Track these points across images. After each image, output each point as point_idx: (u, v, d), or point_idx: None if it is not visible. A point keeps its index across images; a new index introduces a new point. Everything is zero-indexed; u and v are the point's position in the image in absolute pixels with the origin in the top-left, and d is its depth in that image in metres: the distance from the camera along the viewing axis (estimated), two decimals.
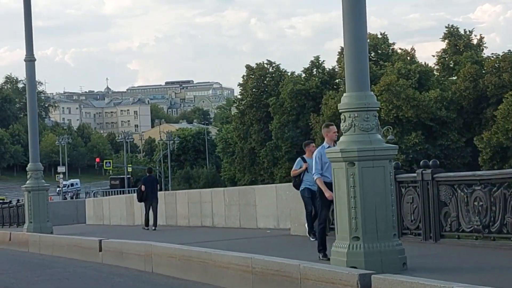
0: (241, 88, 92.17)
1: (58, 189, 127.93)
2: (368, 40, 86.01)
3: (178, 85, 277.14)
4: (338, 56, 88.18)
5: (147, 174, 26.25)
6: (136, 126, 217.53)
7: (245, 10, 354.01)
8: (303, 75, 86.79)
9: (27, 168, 23.93)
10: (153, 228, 24.35)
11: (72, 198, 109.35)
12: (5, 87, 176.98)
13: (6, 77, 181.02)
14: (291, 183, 14.83)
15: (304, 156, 14.37)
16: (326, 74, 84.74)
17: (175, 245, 12.76)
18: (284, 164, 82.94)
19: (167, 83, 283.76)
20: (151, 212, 24.51)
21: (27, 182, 23.83)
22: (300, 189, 14.21)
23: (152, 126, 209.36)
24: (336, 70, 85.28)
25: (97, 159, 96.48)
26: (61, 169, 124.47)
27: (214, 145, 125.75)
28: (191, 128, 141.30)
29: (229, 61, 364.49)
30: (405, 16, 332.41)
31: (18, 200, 50.30)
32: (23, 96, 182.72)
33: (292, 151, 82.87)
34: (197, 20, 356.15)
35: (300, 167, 14.28)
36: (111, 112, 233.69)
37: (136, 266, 13.77)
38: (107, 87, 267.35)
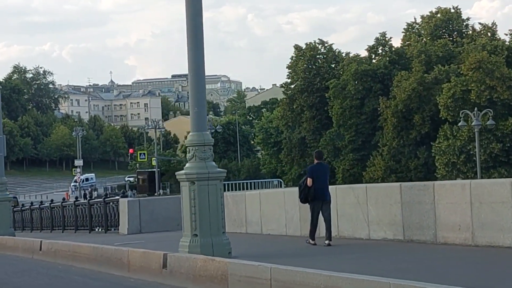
0: (289, 70, 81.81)
1: (73, 184, 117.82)
2: (439, 15, 76.15)
3: (185, 78, 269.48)
4: (404, 34, 78.40)
5: (315, 161, 16.24)
6: (146, 119, 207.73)
7: (242, 6, 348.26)
8: (366, 54, 76.64)
9: (186, 142, 13.77)
10: (326, 243, 15.23)
11: (90, 194, 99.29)
12: (13, 77, 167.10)
13: (14, 67, 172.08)
14: None
15: None
16: (393, 52, 74.44)
17: None
18: (347, 155, 72.80)
19: (173, 76, 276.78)
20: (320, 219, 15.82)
21: (187, 165, 13.64)
22: None
23: (164, 119, 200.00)
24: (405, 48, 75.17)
25: (131, 150, 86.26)
26: (78, 162, 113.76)
27: (245, 137, 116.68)
28: (219, 118, 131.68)
29: (226, 56, 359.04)
30: (403, 12, 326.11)
31: (86, 196, 40.34)
32: (32, 86, 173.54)
33: (356, 140, 72.81)
34: None
35: None
36: (120, 104, 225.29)
37: None
38: (111, 81, 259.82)
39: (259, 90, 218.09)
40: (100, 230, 27.04)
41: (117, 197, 26.49)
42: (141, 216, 24.73)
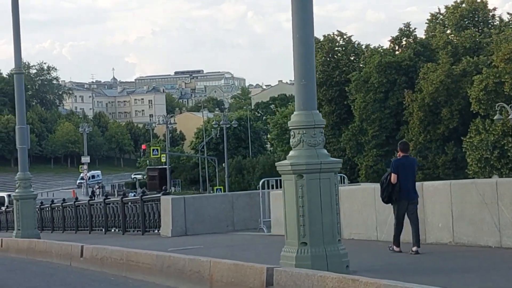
0: None
1: (79, 181, 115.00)
2: (464, 5, 73.10)
3: (188, 75, 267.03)
4: (427, 24, 75.40)
5: (400, 155, 13.35)
6: (151, 115, 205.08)
7: (242, 4, 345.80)
8: (388, 45, 73.63)
9: (289, 123, 10.60)
10: (413, 250, 12.77)
11: (97, 192, 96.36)
12: None
13: None
14: None
15: None
16: (418, 44, 71.37)
17: None
18: (371, 151, 69.77)
19: (176, 72, 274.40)
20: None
21: (292, 153, 10.59)
22: None
23: (169, 116, 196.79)
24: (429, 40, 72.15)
25: (143, 146, 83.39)
26: (85, 159, 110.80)
27: (256, 133, 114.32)
28: (230, 114, 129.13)
29: (226, 54, 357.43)
30: (403, 9, 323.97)
31: (94, 193, 37.29)
32: (35, 82, 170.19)
33: (380, 136, 69.79)
34: (193, 13, 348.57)
35: None
36: (124, 101, 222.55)
37: None
38: (114, 77, 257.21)
39: (264, 87, 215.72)
40: (135, 231, 24.04)
41: (157, 195, 23.49)
42: (186, 216, 21.74)
